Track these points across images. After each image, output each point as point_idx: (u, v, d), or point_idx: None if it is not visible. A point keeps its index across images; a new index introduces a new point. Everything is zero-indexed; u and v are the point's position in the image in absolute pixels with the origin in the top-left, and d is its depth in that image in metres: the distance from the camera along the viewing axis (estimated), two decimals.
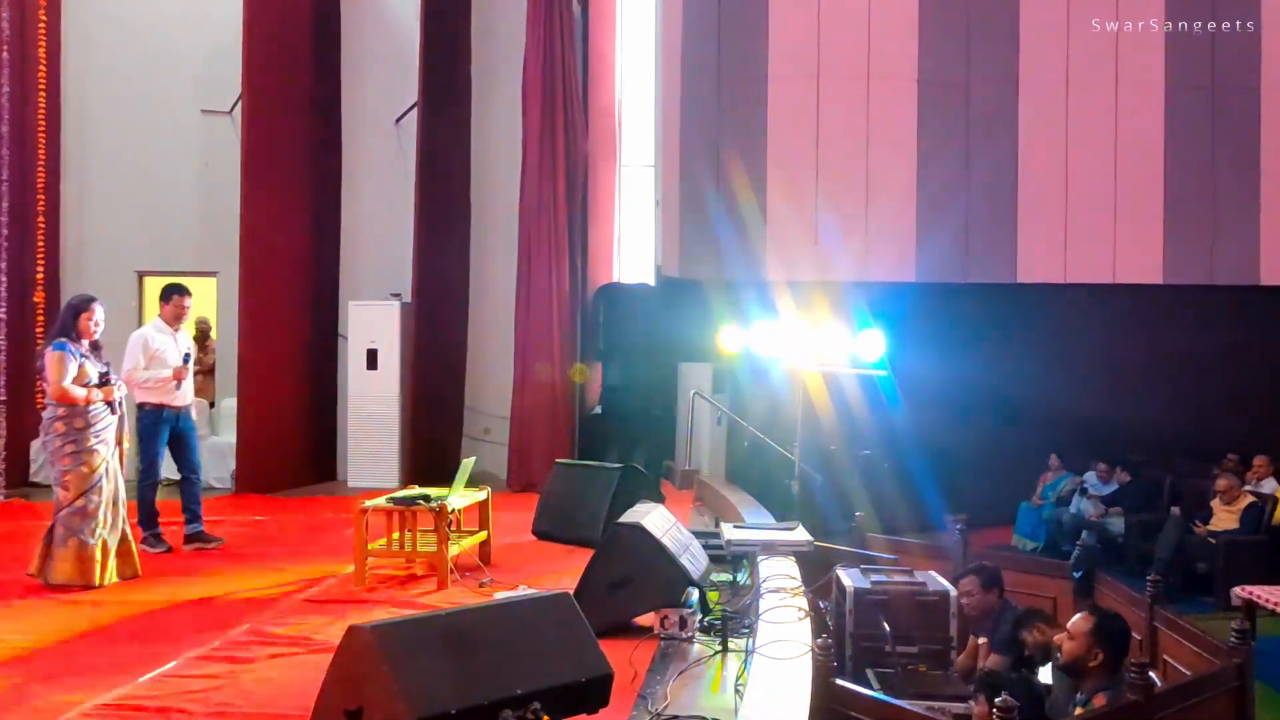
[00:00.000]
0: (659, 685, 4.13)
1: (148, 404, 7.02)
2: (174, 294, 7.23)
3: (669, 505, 6.97)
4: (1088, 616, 4.11)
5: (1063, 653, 4.08)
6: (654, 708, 3.85)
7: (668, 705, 3.89)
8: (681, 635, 4.71)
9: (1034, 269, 11.81)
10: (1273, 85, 11.80)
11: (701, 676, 4.29)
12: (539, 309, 10.24)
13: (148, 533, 7.02)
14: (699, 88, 11.09)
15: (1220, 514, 9.31)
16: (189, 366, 7.11)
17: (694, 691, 4.09)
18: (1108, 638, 4.04)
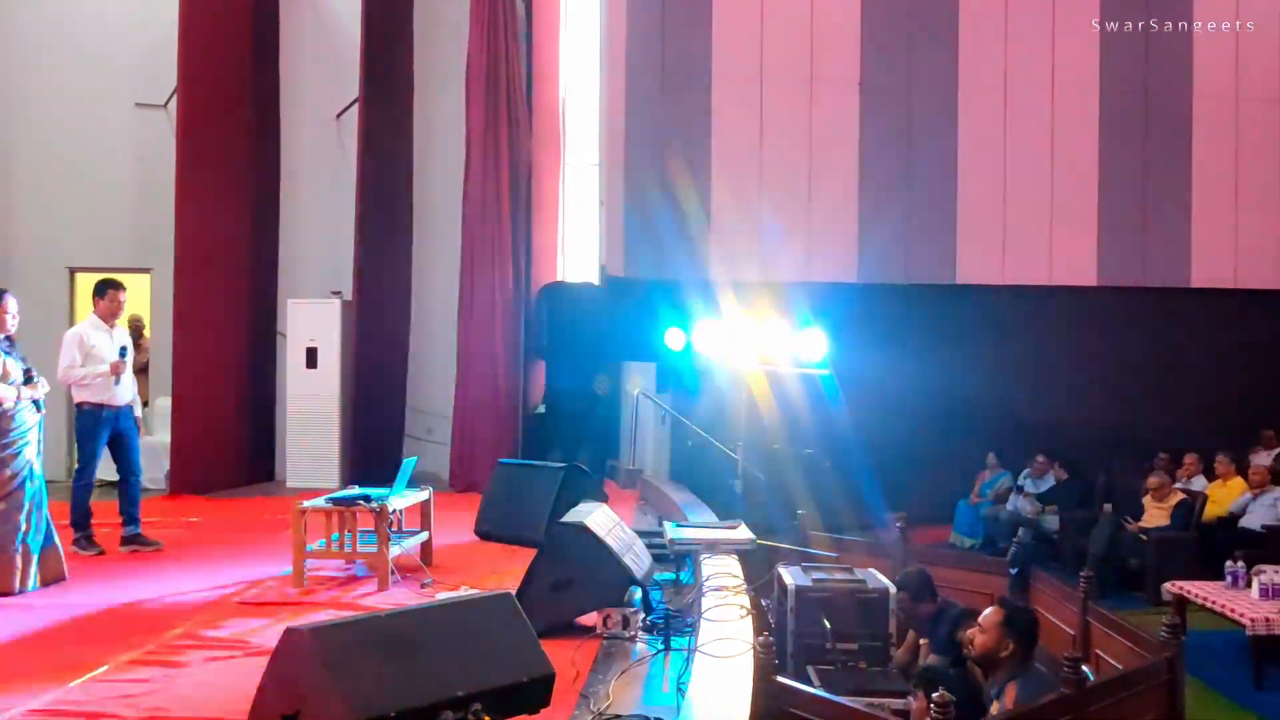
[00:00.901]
0: (601, 684, 4.12)
1: (87, 403, 6.85)
2: (108, 289, 7.06)
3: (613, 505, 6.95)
4: (998, 610, 4.23)
5: (975, 646, 4.18)
6: (596, 707, 3.84)
7: (610, 704, 3.88)
8: (624, 634, 4.70)
9: (972, 270, 12.00)
10: (1204, 88, 12.10)
11: (644, 675, 4.29)
12: (482, 307, 10.18)
13: (79, 534, 6.85)
14: (643, 88, 11.10)
15: (1152, 511, 9.52)
16: (126, 361, 6.95)
17: (636, 690, 4.08)
18: (1017, 629, 4.15)
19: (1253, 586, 7.04)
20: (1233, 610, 6.84)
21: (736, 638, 4.06)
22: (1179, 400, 12.03)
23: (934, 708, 3.27)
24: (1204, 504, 9.55)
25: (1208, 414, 11.85)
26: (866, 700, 4.17)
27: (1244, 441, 11.29)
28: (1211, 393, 12.12)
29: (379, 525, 5.91)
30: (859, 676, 4.75)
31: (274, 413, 10.55)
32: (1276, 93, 12.16)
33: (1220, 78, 12.10)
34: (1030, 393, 11.88)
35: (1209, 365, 12.21)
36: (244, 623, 5.26)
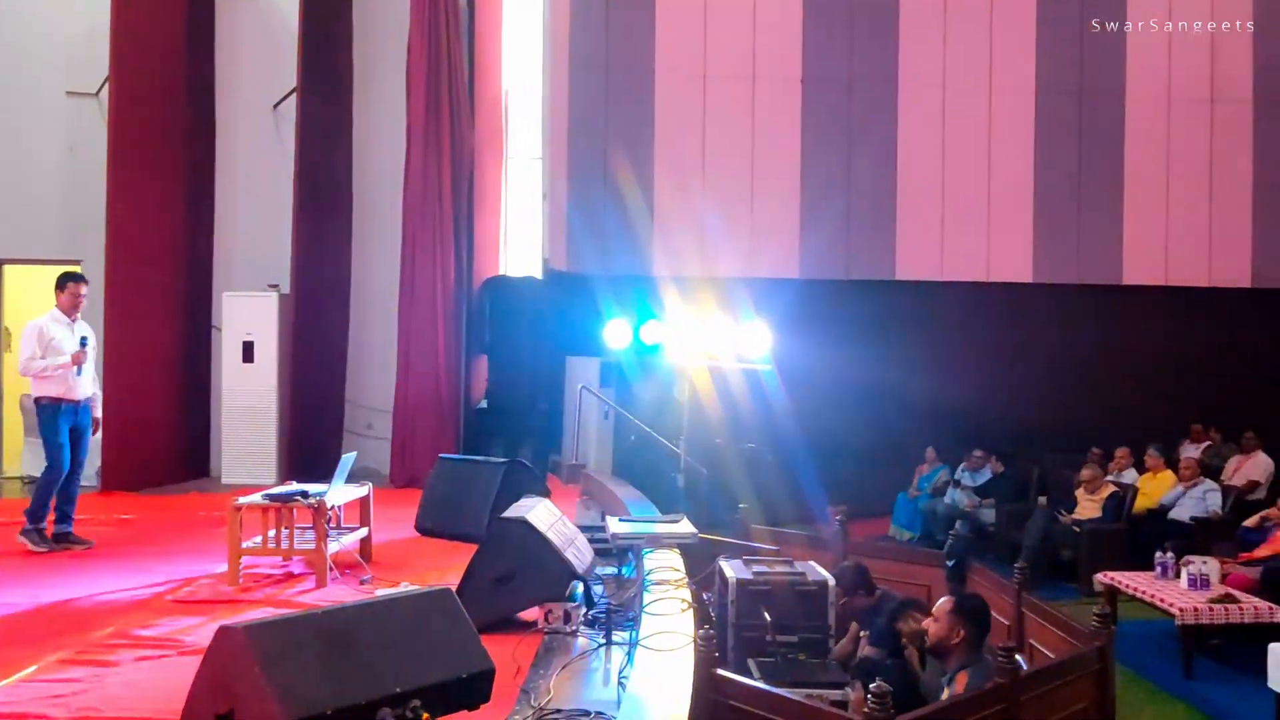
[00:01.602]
0: (542, 679, 4.10)
1: (45, 398, 6.74)
2: (69, 282, 6.93)
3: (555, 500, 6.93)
4: (949, 599, 4.30)
5: (929, 635, 4.24)
6: (537, 702, 3.83)
7: (551, 699, 3.87)
8: (566, 629, 4.69)
9: (912, 267, 12.15)
10: (1137, 88, 12.36)
11: (585, 670, 4.28)
12: (423, 301, 10.09)
13: (32, 526, 6.71)
14: (586, 82, 11.07)
15: (1084, 503, 9.71)
16: (87, 351, 6.82)
17: (578, 685, 4.08)
18: (968, 616, 4.23)
19: (1181, 577, 7.21)
20: (1162, 600, 7.00)
21: (678, 631, 4.06)
22: (1111, 395, 12.29)
23: (870, 698, 3.31)
24: (1134, 496, 9.76)
25: (1139, 408, 12.13)
26: (806, 692, 4.20)
27: (1174, 436, 11.57)
28: (1143, 388, 12.40)
29: (317, 522, 5.84)
30: (799, 668, 4.78)
31: (209, 408, 10.37)
32: (1205, 93, 12.46)
33: (1152, 78, 12.37)
34: (968, 388, 12.06)
35: (1140, 361, 12.50)
36: (177, 621, 5.17)
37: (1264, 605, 6.78)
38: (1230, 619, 6.70)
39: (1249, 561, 7.79)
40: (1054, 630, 4.81)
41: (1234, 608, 6.72)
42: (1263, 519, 8.50)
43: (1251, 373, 12.54)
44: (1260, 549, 7.94)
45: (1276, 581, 7.23)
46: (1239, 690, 6.32)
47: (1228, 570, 7.58)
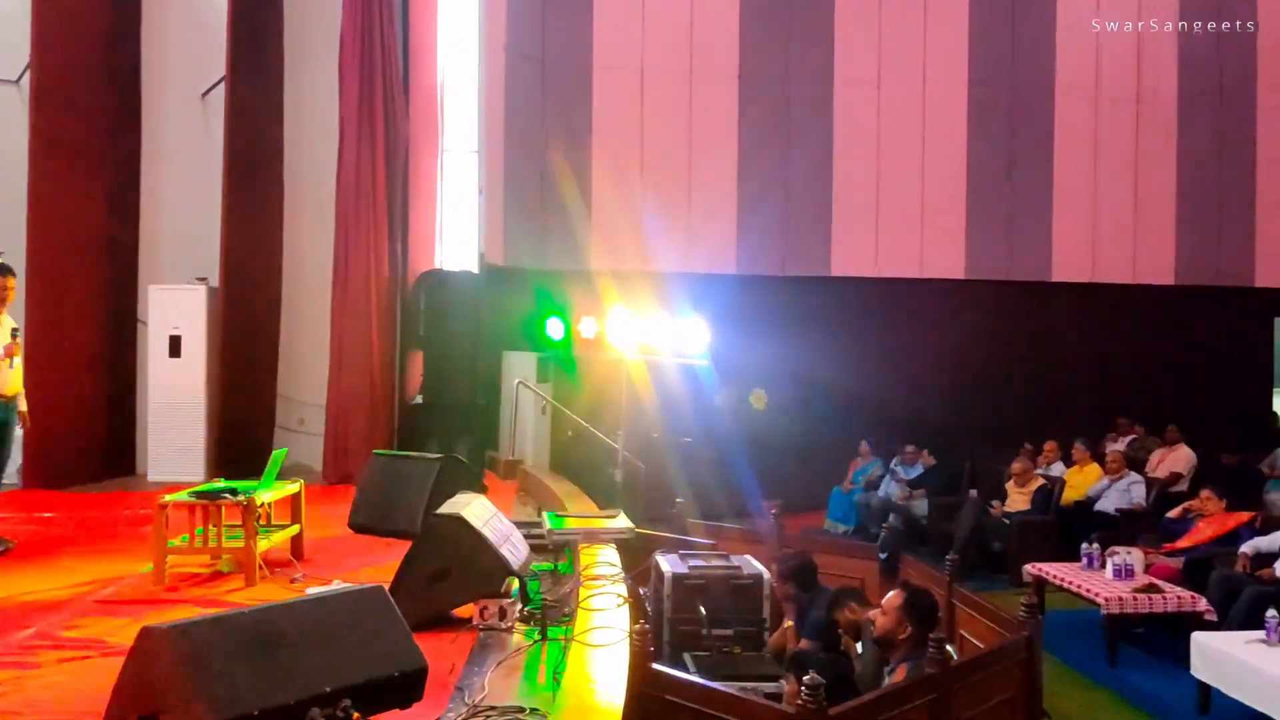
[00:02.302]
0: (477, 676, 4.07)
1: None
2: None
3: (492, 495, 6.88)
4: (900, 593, 4.34)
5: (876, 627, 4.28)
6: (471, 699, 3.79)
7: (485, 696, 3.83)
8: (501, 625, 4.66)
9: (847, 263, 12.27)
10: (1067, 85, 12.61)
11: (520, 666, 4.25)
12: (357, 295, 9.94)
13: None
14: (523, 75, 11.00)
15: (1014, 496, 9.89)
16: (19, 343, 6.60)
17: (513, 681, 4.05)
18: (916, 612, 4.28)
19: (1107, 567, 7.37)
20: (1088, 590, 7.15)
21: (613, 626, 4.05)
22: (1040, 389, 12.56)
23: (804, 690, 3.33)
24: (1062, 489, 9.97)
25: (1067, 402, 12.41)
26: (741, 685, 4.22)
27: (1101, 429, 11.84)
28: (1071, 382, 12.69)
29: (246, 519, 5.71)
30: (734, 662, 4.80)
31: (135, 403, 10.11)
32: (1133, 92, 12.75)
33: (1081, 78, 12.63)
34: (901, 383, 12.24)
35: (1069, 356, 12.78)
36: (101, 622, 5.02)
37: (1186, 594, 6.96)
38: (1154, 608, 6.87)
39: (1172, 552, 7.99)
40: (983, 620, 4.89)
41: (1157, 597, 6.89)
42: (1185, 510, 8.73)
43: (1174, 368, 12.90)
44: (1182, 540, 8.15)
45: (1198, 571, 7.43)
46: (1162, 677, 6.48)
47: (1151, 560, 7.77)
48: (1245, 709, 5.48)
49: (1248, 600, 6.55)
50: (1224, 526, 7.99)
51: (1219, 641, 5.82)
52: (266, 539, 5.94)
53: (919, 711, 3.75)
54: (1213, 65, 12.90)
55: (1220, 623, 6.63)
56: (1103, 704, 6.34)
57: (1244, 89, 12.97)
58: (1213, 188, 12.94)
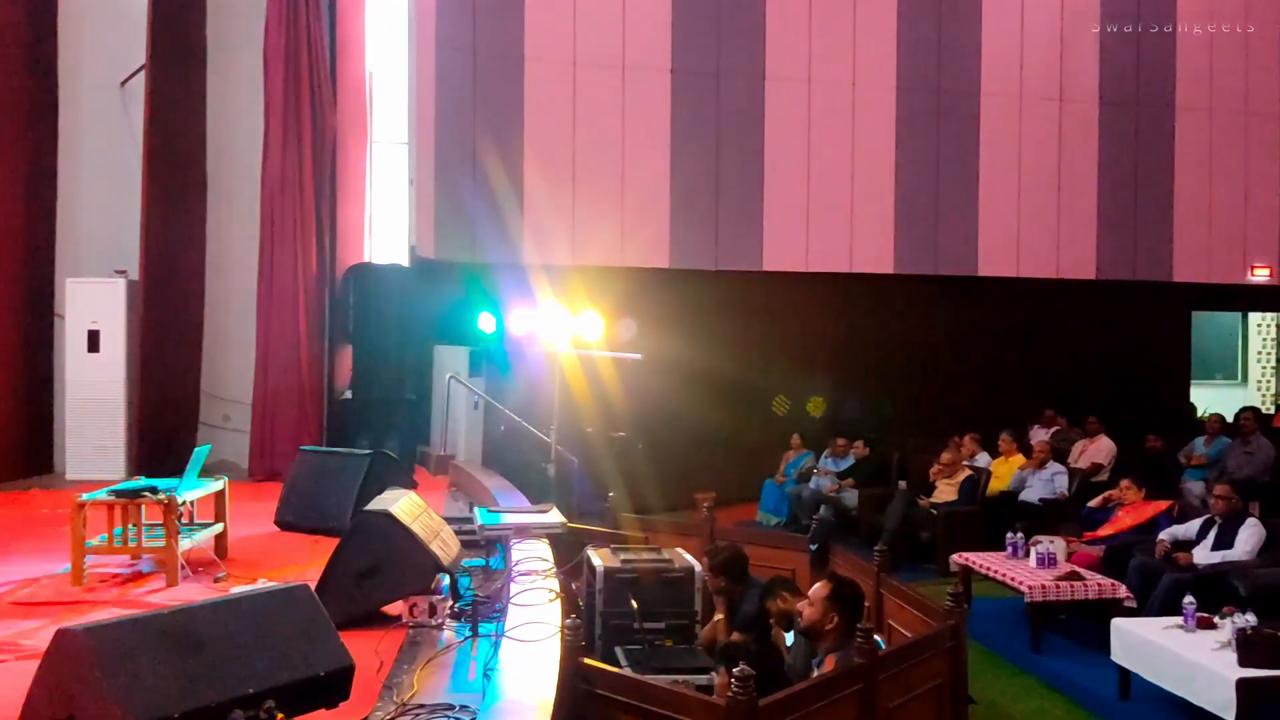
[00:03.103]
0: (406, 674, 4.02)
1: None
2: None
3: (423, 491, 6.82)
4: (826, 584, 4.37)
5: (803, 618, 4.31)
6: (400, 697, 3.75)
7: (415, 694, 3.79)
8: (431, 622, 4.61)
9: (778, 258, 12.37)
10: (992, 85, 12.85)
11: (451, 663, 4.21)
12: (283, 289, 9.77)
13: None
14: (453, 66, 10.90)
15: (942, 487, 10.04)
16: None
17: (443, 678, 4.01)
18: (843, 602, 4.32)
19: (1030, 556, 7.51)
20: (1012, 579, 7.28)
21: (544, 621, 4.03)
22: (967, 382, 12.77)
23: (735, 682, 3.34)
24: (988, 480, 10.15)
25: (993, 395, 12.64)
26: (672, 678, 4.22)
27: (1026, 421, 12.09)
28: (997, 375, 12.93)
29: (167, 518, 5.59)
30: (666, 655, 4.81)
31: (52, 400, 9.83)
32: (1054, 92, 13.03)
33: (1005, 77, 12.87)
34: (831, 376, 12.36)
35: (995, 349, 13.02)
36: (16, 624, 4.88)
37: (1107, 582, 7.12)
38: (1075, 595, 7.02)
39: (1093, 540, 8.18)
40: (911, 610, 4.95)
41: (1079, 585, 7.04)
42: (1106, 499, 8.94)
43: (1096, 360, 13.21)
44: (1103, 528, 8.34)
45: (1118, 559, 7.61)
46: (1084, 663, 6.62)
47: (1073, 549, 7.94)
48: (1163, 693, 5.63)
49: (1165, 587, 6.73)
50: (1143, 515, 8.19)
51: (1138, 627, 5.96)
52: (188, 538, 5.82)
53: (847, 701, 3.79)
54: (1132, 67, 13.23)
55: (1139, 609, 6.80)
56: (1027, 690, 6.46)
57: (1162, 90, 13.33)
58: (1132, 186, 13.28)
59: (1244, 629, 5.24)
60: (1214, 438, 10.76)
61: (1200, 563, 7.06)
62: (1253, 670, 5.06)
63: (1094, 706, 6.09)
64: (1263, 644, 5.14)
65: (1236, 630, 5.27)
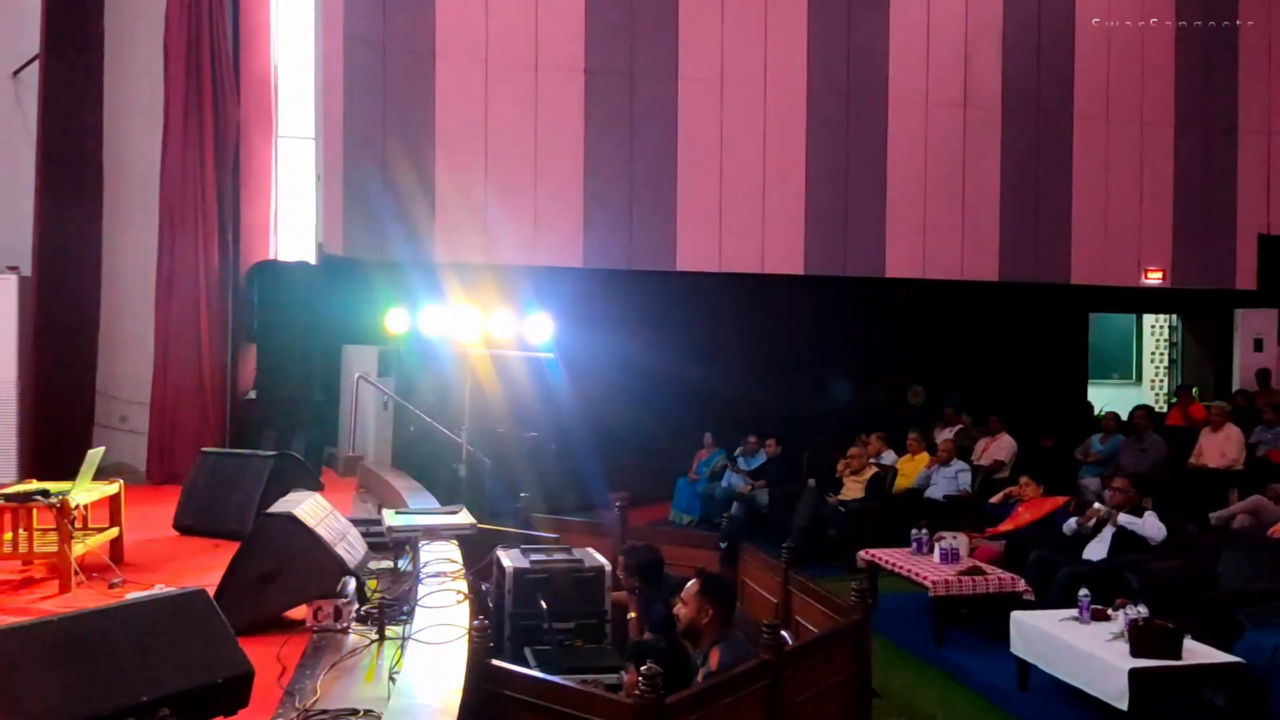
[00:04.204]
0: (309, 679, 3.94)
1: None
2: None
3: (331, 493, 6.72)
4: (696, 581, 4.42)
5: (680, 619, 4.34)
6: (302, 703, 3.67)
7: (317, 699, 3.72)
8: (336, 626, 4.53)
9: (691, 258, 12.45)
10: (899, 89, 13.10)
11: (356, 667, 4.14)
12: (184, 287, 9.51)
13: None
14: (362, 60, 10.72)
15: (849, 484, 10.21)
16: None
17: (347, 683, 3.94)
18: (715, 594, 4.38)
19: (934, 552, 7.68)
20: (917, 574, 7.44)
21: (452, 624, 3.98)
22: (875, 381, 13.01)
23: (642, 680, 3.35)
24: (894, 477, 10.35)
25: (901, 393, 12.90)
26: (581, 678, 4.21)
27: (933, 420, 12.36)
28: (905, 374, 13.20)
29: (59, 522, 5.40)
30: (575, 655, 4.79)
31: None
32: (959, 97, 13.34)
33: (912, 81, 13.13)
34: (744, 375, 12.47)
35: (903, 349, 13.29)
36: None
37: (1007, 576, 7.32)
38: (977, 590, 7.20)
39: (994, 535, 8.40)
40: (817, 606, 5.02)
41: (980, 579, 7.23)
42: (1006, 496, 9.19)
43: (999, 360, 13.57)
44: (1004, 524, 8.58)
45: (1018, 553, 7.83)
46: (985, 655, 6.79)
47: (975, 544, 8.15)
48: (1060, 683, 5.80)
49: (1062, 580, 6.94)
50: (1041, 510, 8.44)
51: (1035, 620, 6.13)
52: (82, 543, 5.64)
53: (754, 697, 3.82)
54: (1032, 75, 13.61)
55: (1038, 602, 7.00)
56: (930, 682, 6.61)
57: (1062, 95, 13.74)
58: (1032, 190, 13.66)
59: (1136, 620, 5.42)
60: (1109, 435, 11.13)
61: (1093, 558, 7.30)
62: (1144, 660, 5.24)
63: (994, 697, 6.25)
64: (1154, 635, 5.32)
65: (1129, 622, 5.46)
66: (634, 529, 7.23)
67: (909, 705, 5.89)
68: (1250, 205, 14.44)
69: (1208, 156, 14.26)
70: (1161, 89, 14.07)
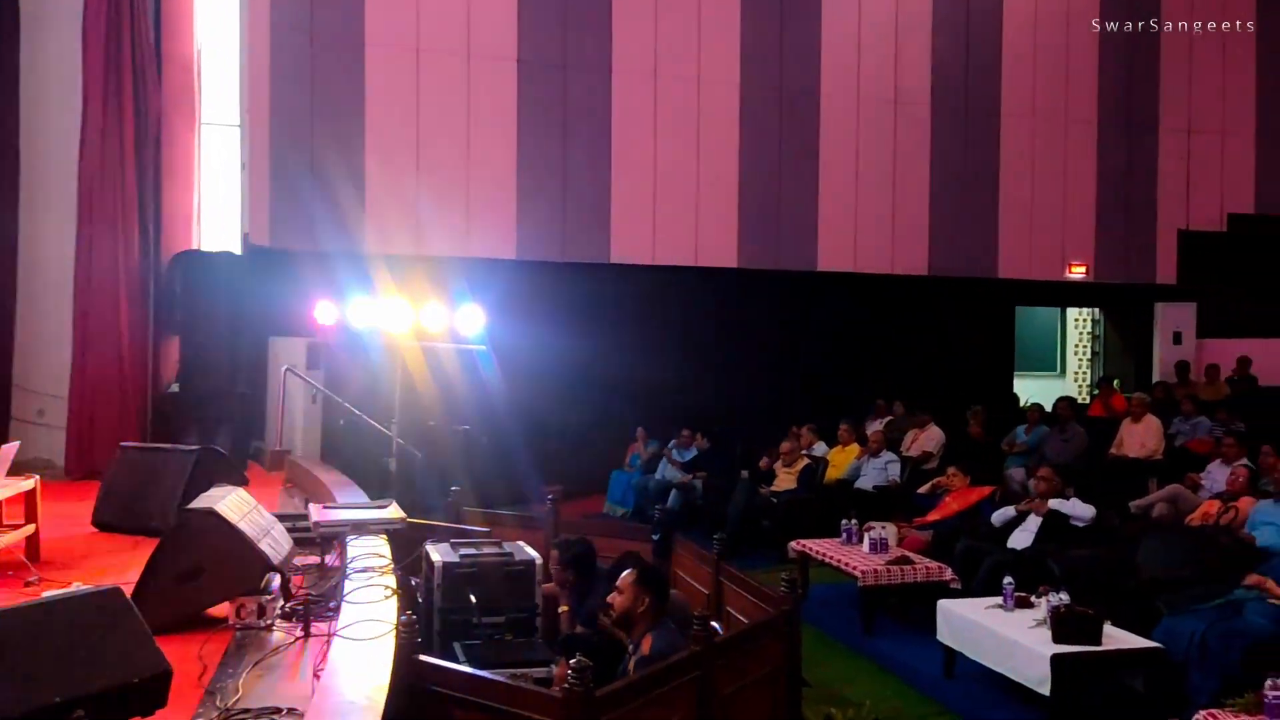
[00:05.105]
0: (231, 678, 3.86)
1: None
2: None
3: (258, 488, 6.59)
4: (631, 571, 4.45)
5: (615, 609, 4.36)
6: (224, 702, 3.59)
7: (239, 698, 3.64)
8: (260, 624, 4.44)
9: (625, 250, 12.43)
10: (831, 86, 13.21)
11: (280, 665, 4.07)
12: (103, 277, 9.26)
13: None
14: (290, 46, 10.52)
15: (782, 476, 10.28)
16: None
17: (270, 681, 3.87)
18: (650, 583, 4.40)
19: (864, 542, 7.76)
20: (847, 564, 7.51)
21: (379, 619, 3.93)
22: (805, 374, 13.12)
23: (571, 673, 3.33)
24: (825, 468, 10.44)
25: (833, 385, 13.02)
26: (511, 672, 4.18)
27: (864, 411, 12.50)
28: (837, 367, 13.32)
29: None
30: (506, 649, 4.75)
31: None
32: (890, 93, 13.49)
33: (844, 78, 13.26)
34: (677, 368, 12.50)
35: (835, 342, 13.41)
36: None
37: (934, 565, 7.42)
38: (905, 579, 7.29)
39: (922, 525, 8.52)
40: (748, 597, 5.04)
41: (908, 568, 7.32)
42: (934, 486, 9.33)
43: (926, 353, 13.77)
44: (932, 514, 8.71)
45: (945, 542, 7.95)
46: (913, 643, 6.87)
47: (904, 534, 8.26)
48: (986, 670, 5.89)
49: (987, 569, 7.06)
50: (967, 500, 8.58)
51: (961, 608, 6.22)
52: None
53: (684, 689, 3.82)
54: (961, 73, 13.82)
55: (964, 590, 7.11)
56: (860, 671, 6.67)
57: (989, 93, 13.97)
58: (960, 186, 13.88)
59: (1058, 608, 5.53)
60: (1034, 426, 11.35)
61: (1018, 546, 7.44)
62: (1066, 646, 5.35)
63: (921, 685, 6.33)
64: (1074, 621, 5.44)
65: (1051, 609, 5.56)
66: (567, 522, 7.19)
67: (838, 694, 5.94)
68: (1170, 202, 14.84)
69: (1130, 154, 14.62)
70: (1086, 88, 14.38)
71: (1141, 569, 6.78)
